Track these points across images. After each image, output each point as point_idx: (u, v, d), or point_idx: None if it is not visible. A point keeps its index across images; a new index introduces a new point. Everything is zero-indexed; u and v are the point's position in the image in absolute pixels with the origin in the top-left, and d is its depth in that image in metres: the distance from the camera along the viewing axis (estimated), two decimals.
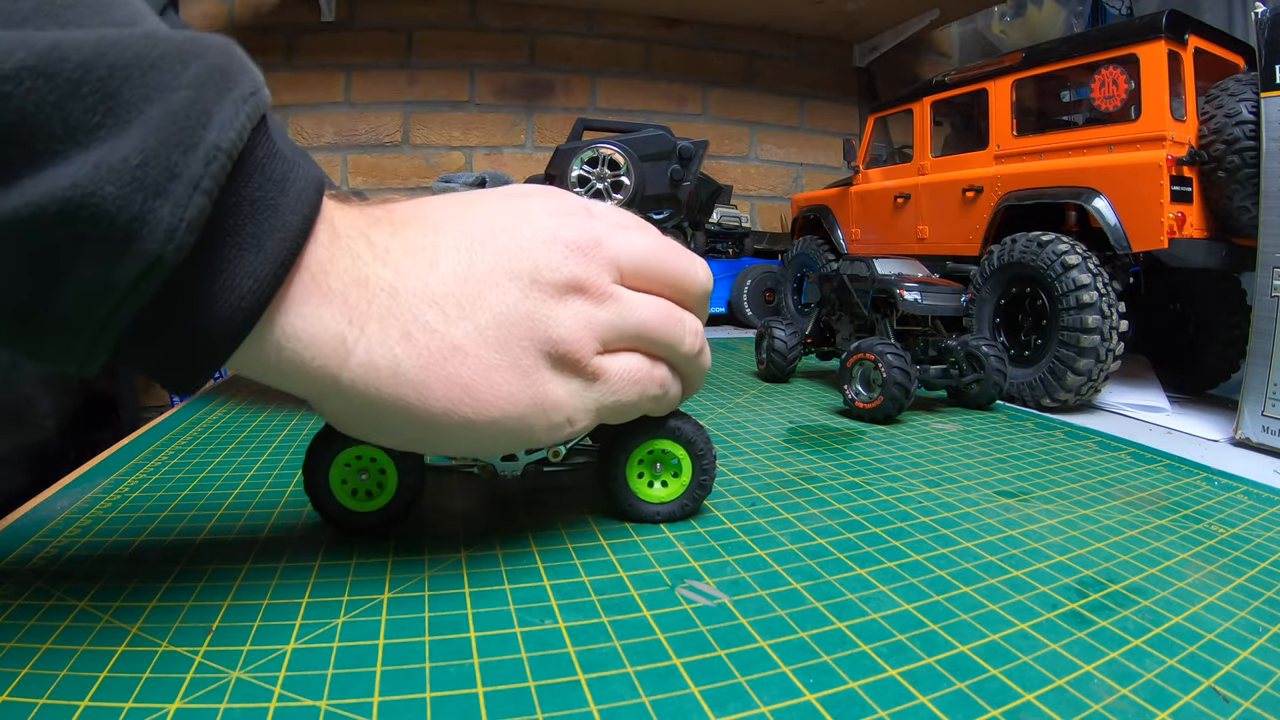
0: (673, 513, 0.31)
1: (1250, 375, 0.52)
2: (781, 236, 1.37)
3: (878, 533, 0.31)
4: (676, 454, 0.30)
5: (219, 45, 0.19)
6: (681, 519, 0.31)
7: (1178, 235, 0.58)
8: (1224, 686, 0.21)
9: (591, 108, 1.42)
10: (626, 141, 0.49)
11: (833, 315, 0.67)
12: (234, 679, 0.19)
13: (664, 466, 0.31)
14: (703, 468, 0.31)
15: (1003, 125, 0.74)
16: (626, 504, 0.31)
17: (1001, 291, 0.67)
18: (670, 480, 0.31)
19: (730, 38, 1.47)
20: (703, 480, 0.31)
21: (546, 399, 0.24)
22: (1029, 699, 0.20)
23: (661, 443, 0.30)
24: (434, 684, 0.19)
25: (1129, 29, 0.63)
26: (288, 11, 1.27)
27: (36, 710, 0.17)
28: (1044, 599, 0.26)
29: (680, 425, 0.30)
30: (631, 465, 0.30)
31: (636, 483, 0.31)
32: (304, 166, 0.20)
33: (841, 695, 0.19)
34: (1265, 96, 0.50)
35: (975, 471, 0.41)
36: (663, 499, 0.31)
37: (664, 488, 0.31)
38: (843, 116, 1.55)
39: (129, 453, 0.39)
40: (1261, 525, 0.34)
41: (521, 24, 1.37)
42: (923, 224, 0.85)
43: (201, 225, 0.17)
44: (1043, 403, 0.61)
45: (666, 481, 0.31)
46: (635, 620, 0.23)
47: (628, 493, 0.30)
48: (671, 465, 0.31)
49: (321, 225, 0.21)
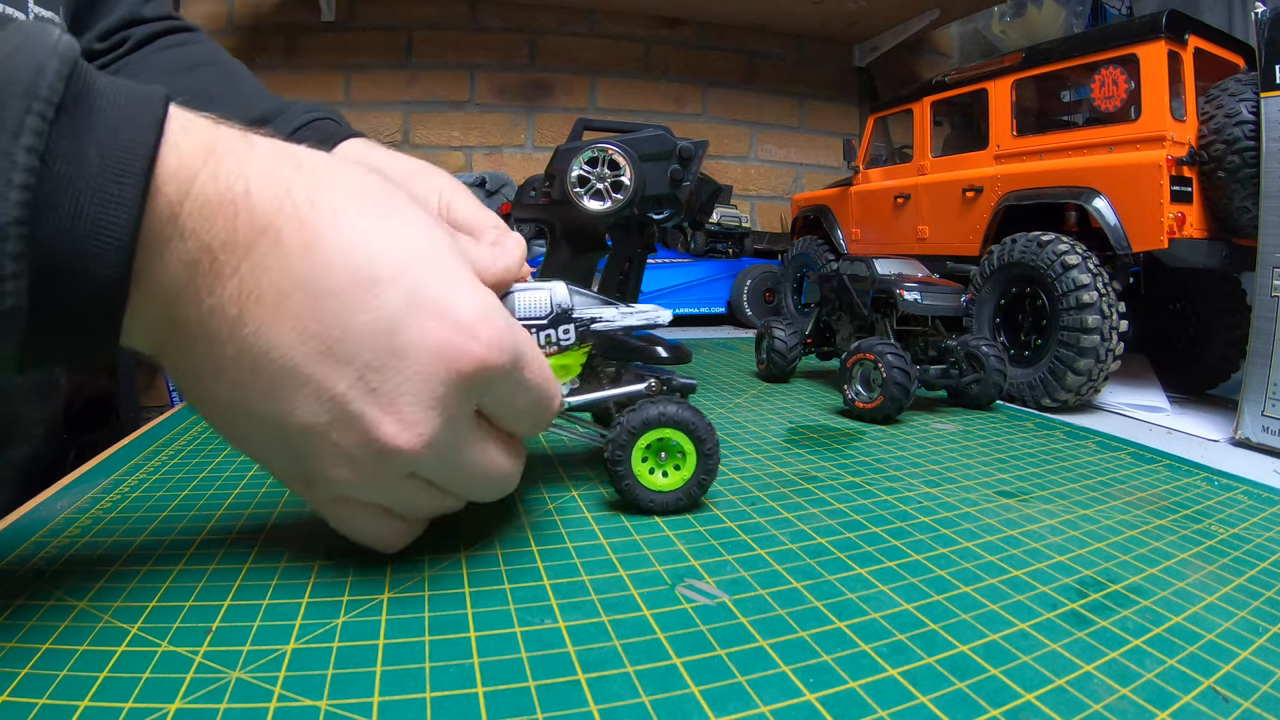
0: (669, 504, 0.31)
1: (1250, 375, 0.52)
2: (781, 236, 1.37)
3: (878, 533, 0.31)
4: (683, 445, 0.31)
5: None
6: (677, 512, 0.32)
7: (1178, 235, 0.58)
8: (1224, 686, 0.21)
9: (591, 108, 1.42)
10: (626, 141, 0.49)
11: (833, 315, 0.67)
12: (234, 679, 0.19)
13: (669, 456, 0.31)
14: (707, 467, 0.31)
15: (1003, 125, 0.74)
16: (628, 490, 0.31)
17: (1001, 291, 0.67)
18: (672, 471, 0.32)
19: (730, 38, 1.47)
20: (704, 477, 0.31)
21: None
22: (1029, 699, 0.20)
23: (669, 432, 0.31)
24: (434, 684, 0.19)
25: (1129, 29, 0.63)
26: (288, 11, 1.27)
27: (36, 710, 0.17)
28: (1044, 599, 0.26)
29: (691, 418, 0.30)
30: (638, 450, 0.31)
31: (640, 468, 0.31)
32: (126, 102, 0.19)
33: (841, 695, 0.19)
34: (1265, 96, 0.50)
35: (975, 471, 0.41)
36: (664, 488, 0.31)
37: (666, 478, 0.32)
38: (843, 116, 1.55)
39: (129, 453, 0.39)
40: (1261, 525, 0.34)
41: (521, 24, 1.38)
42: (923, 224, 0.85)
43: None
44: (1043, 403, 0.61)
45: (668, 472, 0.32)
46: (635, 620, 0.23)
47: (631, 479, 0.31)
48: (676, 455, 0.31)
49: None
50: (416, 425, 0.22)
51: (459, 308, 0.22)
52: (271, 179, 0.21)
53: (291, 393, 0.21)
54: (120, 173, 0.18)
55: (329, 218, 0.21)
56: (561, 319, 0.30)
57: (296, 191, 0.21)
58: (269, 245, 0.20)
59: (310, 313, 0.21)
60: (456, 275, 0.23)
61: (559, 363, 0.30)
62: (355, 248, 0.21)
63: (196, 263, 0.20)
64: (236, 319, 0.21)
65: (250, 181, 0.20)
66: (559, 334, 0.30)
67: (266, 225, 0.20)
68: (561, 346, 0.30)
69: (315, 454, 0.22)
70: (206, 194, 0.20)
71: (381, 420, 0.21)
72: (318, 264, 0.21)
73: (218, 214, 0.20)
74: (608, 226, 0.53)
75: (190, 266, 0.20)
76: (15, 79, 0.17)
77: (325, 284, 0.21)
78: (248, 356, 0.21)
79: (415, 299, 0.21)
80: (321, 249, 0.21)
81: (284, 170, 0.21)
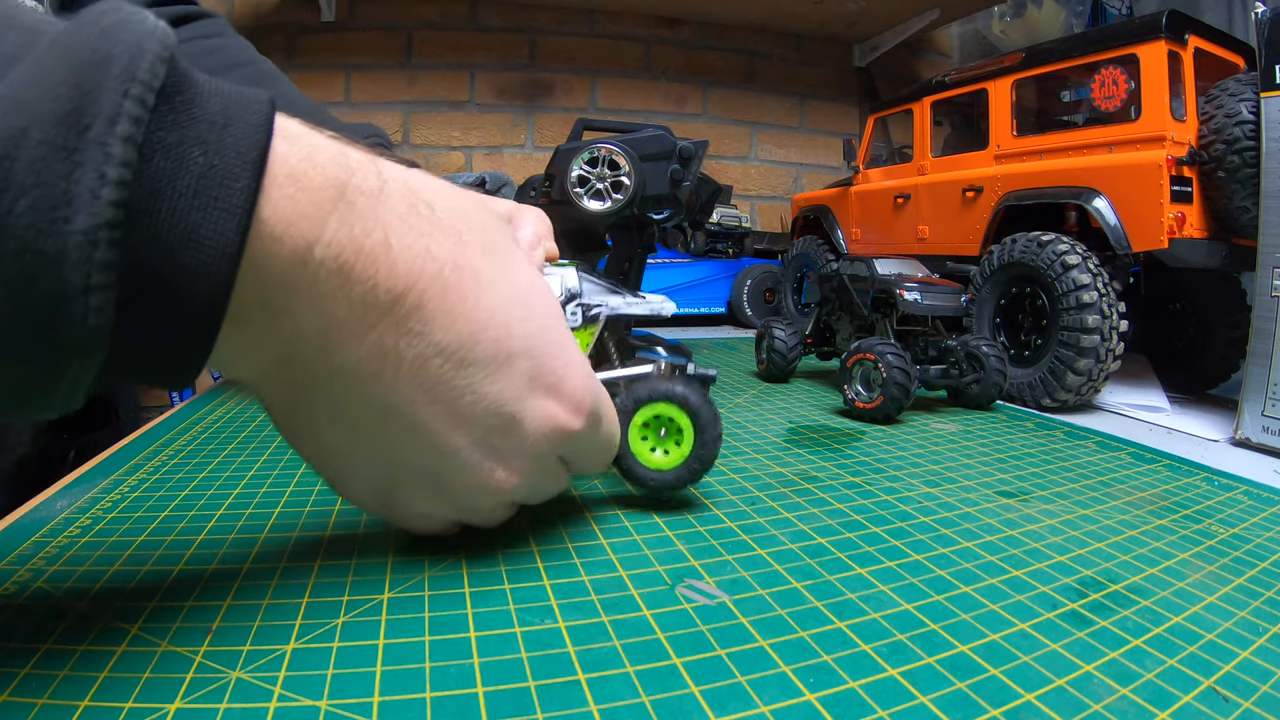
0: (668, 481, 0.31)
1: (1250, 375, 0.52)
2: (781, 236, 1.37)
3: (878, 533, 0.31)
4: (681, 422, 0.31)
5: (84, 36, 0.15)
6: (676, 488, 0.31)
7: (1178, 235, 0.58)
8: (1224, 686, 0.21)
9: (591, 108, 1.42)
10: (626, 141, 0.49)
11: (833, 315, 0.67)
12: (234, 679, 0.19)
13: (668, 433, 0.31)
14: (704, 441, 0.31)
15: (1003, 125, 0.74)
16: (625, 465, 0.31)
17: (1001, 291, 0.67)
18: (672, 449, 0.31)
19: (730, 38, 1.47)
20: (702, 454, 0.31)
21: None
22: (1029, 699, 0.19)
23: (665, 407, 0.30)
24: (434, 684, 0.19)
25: (1129, 29, 0.63)
26: (288, 11, 1.27)
27: (36, 710, 0.17)
28: (1044, 599, 0.26)
29: (690, 396, 0.30)
30: (635, 426, 0.31)
31: (639, 445, 0.31)
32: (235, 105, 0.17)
33: (841, 695, 0.19)
34: (1265, 96, 0.50)
35: (975, 471, 0.41)
36: (662, 466, 0.31)
37: (665, 456, 0.31)
38: (843, 116, 1.55)
39: (129, 453, 0.39)
40: (1261, 525, 0.34)
41: (521, 24, 1.38)
42: (923, 224, 0.85)
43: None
44: (1043, 403, 0.61)
45: (668, 450, 0.31)
46: (635, 620, 0.23)
47: (628, 453, 0.31)
48: (675, 433, 0.31)
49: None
50: (521, 472, 0.24)
51: (569, 384, 0.24)
52: (411, 231, 0.19)
53: (410, 440, 0.22)
54: (228, 175, 0.16)
55: (471, 282, 0.21)
56: (569, 301, 0.32)
57: (437, 248, 0.20)
58: (410, 309, 0.19)
59: (447, 380, 0.21)
60: (567, 348, 0.24)
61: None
62: (495, 318, 0.21)
63: (330, 315, 0.19)
64: (368, 376, 0.20)
65: (389, 231, 0.19)
66: (566, 313, 0.31)
67: (409, 287, 0.19)
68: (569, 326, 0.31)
69: (415, 489, 0.24)
70: (341, 243, 0.18)
71: (495, 470, 0.24)
72: (461, 335, 0.21)
73: (355, 267, 0.18)
74: (608, 226, 0.53)
75: (322, 317, 0.19)
76: (112, 57, 0.14)
77: (466, 355, 0.21)
78: (371, 409, 0.21)
79: (538, 374, 0.23)
80: (466, 319, 0.21)
81: (420, 219, 0.20)
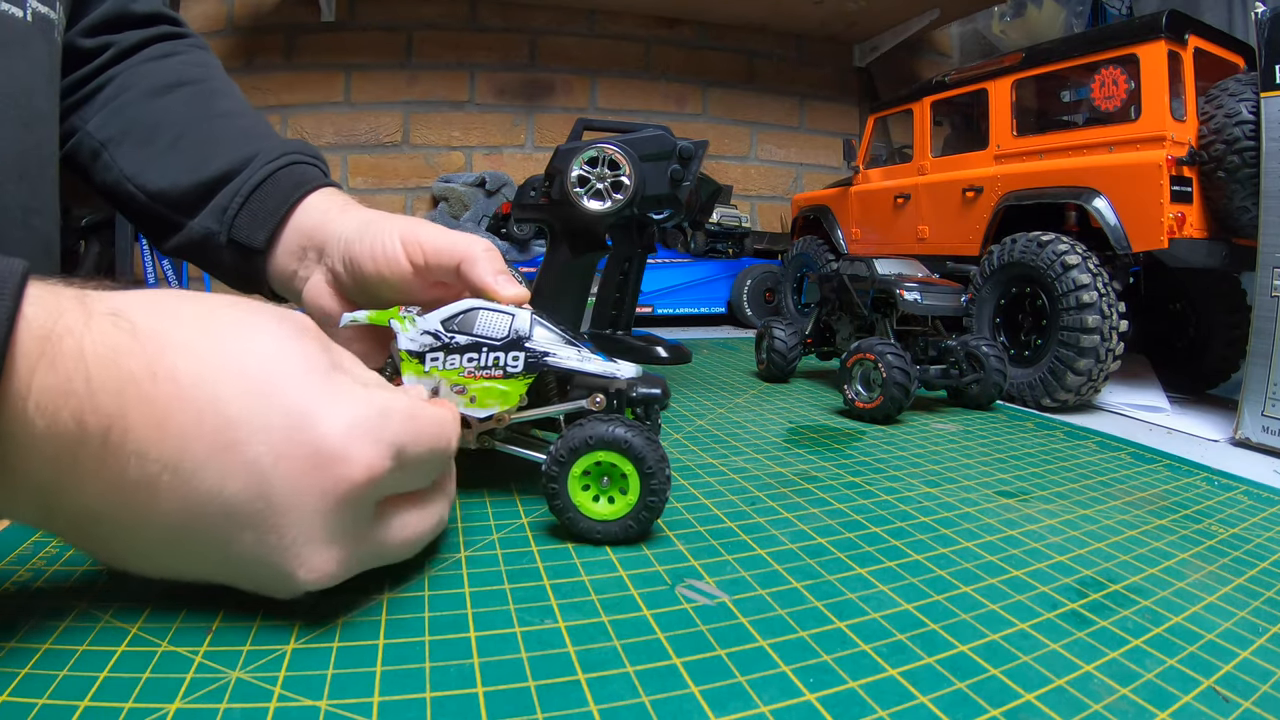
0: (615, 533, 0.28)
1: (1250, 375, 0.52)
2: (781, 236, 1.37)
3: (878, 533, 0.31)
4: (624, 468, 0.28)
5: None
6: (625, 542, 0.29)
7: (1178, 235, 0.58)
8: (1224, 686, 0.21)
9: (591, 108, 1.42)
10: (626, 141, 0.49)
11: (833, 315, 0.67)
12: (234, 679, 0.19)
13: (611, 481, 0.29)
14: (651, 488, 0.28)
15: (1003, 125, 0.74)
16: (566, 518, 0.28)
17: (1001, 291, 0.67)
18: (617, 496, 0.29)
19: (730, 38, 1.47)
20: (651, 501, 0.28)
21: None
22: (1029, 699, 0.20)
23: (609, 455, 0.28)
24: (434, 684, 0.19)
25: (1129, 29, 0.63)
26: (288, 11, 1.27)
27: (36, 710, 0.17)
28: (1044, 599, 0.26)
29: (631, 439, 0.28)
30: (574, 476, 0.28)
31: (580, 495, 0.28)
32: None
33: (841, 695, 0.19)
34: (1265, 96, 0.50)
35: (975, 471, 0.41)
36: (607, 516, 0.28)
37: (610, 504, 0.29)
38: (843, 116, 1.55)
39: None
40: (1261, 525, 0.34)
41: (521, 24, 1.38)
42: (923, 224, 0.85)
43: None
44: (1043, 403, 0.61)
45: (614, 498, 0.29)
46: (635, 620, 0.23)
47: (569, 505, 0.28)
48: (619, 479, 0.28)
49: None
50: (324, 564, 0.21)
51: (325, 438, 0.21)
52: (109, 361, 0.19)
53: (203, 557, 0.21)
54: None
55: (170, 385, 0.20)
56: (514, 345, 0.29)
57: (135, 367, 0.19)
58: (122, 435, 0.19)
59: (185, 493, 0.20)
60: (314, 398, 0.21)
61: (497, 388, 0.29)
62: (205, 410, 0.20)
63: (56, 461, 0.19)
64: (120, 507, 0.20)
65: (90, 367, 0.19)
66: (508, 359, 0.29)
67: (115, 415, 0.19)
68: (507, 372, 0.29)
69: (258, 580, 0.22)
70: (49, 388, 0.18)
71: (294, 570, 0.21)
72: (174, 441, 0.19)
73: (64, 410, 0.18)
74: (608, 226, 0.53)
75: (51, 464, 0.19)
76: None
77: (189, 462, 0.20)
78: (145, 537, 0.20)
79: (280, 446, 0.20)
80: (174, 422, 0.19)
81: (120, 343, 0.19)
